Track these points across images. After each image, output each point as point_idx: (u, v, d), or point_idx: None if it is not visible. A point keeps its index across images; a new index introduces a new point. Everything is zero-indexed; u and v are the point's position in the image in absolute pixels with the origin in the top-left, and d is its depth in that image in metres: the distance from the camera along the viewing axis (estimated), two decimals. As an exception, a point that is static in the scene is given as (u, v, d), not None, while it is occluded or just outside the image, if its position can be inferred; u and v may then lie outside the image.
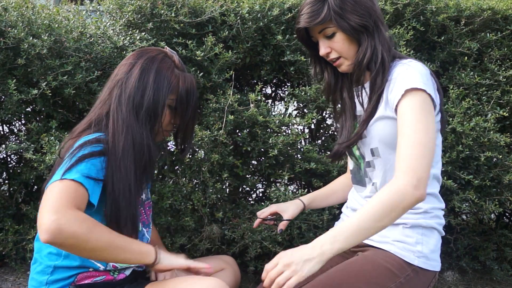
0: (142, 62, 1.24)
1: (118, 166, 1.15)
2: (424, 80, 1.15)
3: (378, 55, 1.20)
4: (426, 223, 1.26)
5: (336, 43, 1.23)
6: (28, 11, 1.78)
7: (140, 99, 1.20)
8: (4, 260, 2.15)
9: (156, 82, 1.22)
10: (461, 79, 2.04)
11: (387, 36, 1.24)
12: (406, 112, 1.13)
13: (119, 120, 1.19)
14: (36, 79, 1.78)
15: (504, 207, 2.09)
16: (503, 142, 1.93)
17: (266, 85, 2.25)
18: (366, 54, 1.20)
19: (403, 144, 1.11)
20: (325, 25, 1.21)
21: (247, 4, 1.89)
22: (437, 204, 1.31)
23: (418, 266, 1.23)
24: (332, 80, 1.36)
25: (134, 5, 1.85)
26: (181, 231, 1.96)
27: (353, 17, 1.18)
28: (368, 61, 1.21)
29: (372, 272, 1.22)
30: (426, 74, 1.18)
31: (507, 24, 2.11)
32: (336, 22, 1.19)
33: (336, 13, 1.18)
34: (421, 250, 1.24)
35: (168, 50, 1.32)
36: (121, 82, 1.23)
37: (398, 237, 1.26)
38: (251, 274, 2.13)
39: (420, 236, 1.25)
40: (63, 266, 1.22)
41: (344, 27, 1.19)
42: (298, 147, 2.02)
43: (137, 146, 1.18)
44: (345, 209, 1.50)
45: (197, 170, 1.90)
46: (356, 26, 1.19)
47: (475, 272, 2.32)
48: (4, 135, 2.21)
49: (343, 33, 1.20)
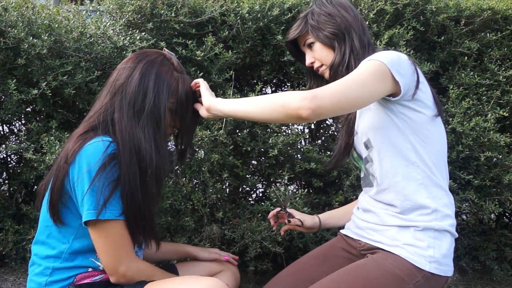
0: (141, 66, 1.24)
1: (125, 173, 1.16)
2: (387, 57, 1.17)
3: (346, 59, 1.33)
4: (438, 225, 1.22)
5: (316, 52, 1.40)
6: (28, 11, 1.78)
7: (141, 104, 1.21)
8: (4, 260, 2.15)
9: (156, 86, 1.22)
10: (461, 79, 2.04)
11: (358, 44, 1.34)
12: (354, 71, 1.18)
13: (122, 127, 1.19)
14: (36, 79, 1.78)
15: (504, 207, 2.09)
16: (503, 142, 1.93)
17: (266, 85, 2.25)
18: (336, 58, 1.35)
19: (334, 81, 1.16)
20: (305, 37, 1.41)
21: (247, 4, 1.89)
22: (445, 198, 1.27)
23: (430, 272, 1.19)
24: None
25: (134, 5, 1.85)
26: (181, 231, 1.96)
27: (326, 27, 1.36)
28: (337, 64, 1.34)
29: (380, 278, 1.19)
30: (395, 56, 1.19)
31: (507, 24, 2.11)
32: (312, 33, 1.38)
33: (312, 25, 1.38)
34: (433, 254, 1.20)
35: (167, 52, 1.32)
36: (122, 87, 1.22)
37: (409, 240, 1.22)
38: (251, 274, 2.13)
39: (432, 239, 1.21)
40: (62, 267, 1.22)
41: (319, 37, 1.37)
42: (298, 147, 2.02)
43: (141, 154, 1.18)
44: (355, 210, 1.48)
45: (197, 170, 1.90)
46: (328, 35, 1.36)
47: (475, 272, 2.32)
48: (4, 135, 2.21)
49: (319, 42, 1.38)
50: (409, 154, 1.24)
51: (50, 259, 1.22)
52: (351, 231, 1.44)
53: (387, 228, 1.28)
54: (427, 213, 1.24)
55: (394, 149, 1.25)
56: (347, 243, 1.43)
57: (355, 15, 1.39)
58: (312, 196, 2.05)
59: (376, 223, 1.32)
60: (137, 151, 1.18)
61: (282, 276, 1.44)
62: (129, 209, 1.17)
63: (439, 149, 1.28)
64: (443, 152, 1.30)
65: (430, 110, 1.26)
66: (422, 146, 1.25)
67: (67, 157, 1.16)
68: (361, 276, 1.21)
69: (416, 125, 1.24)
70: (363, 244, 1.36)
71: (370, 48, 1.36)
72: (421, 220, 1.23)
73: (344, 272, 1.25)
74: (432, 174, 1.26)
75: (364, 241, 1.35)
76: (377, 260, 1.24)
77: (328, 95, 1.09)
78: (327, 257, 1.44)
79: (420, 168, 1.24)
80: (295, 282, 1.40)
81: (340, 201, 1.95)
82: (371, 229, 1.34)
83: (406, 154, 1.25)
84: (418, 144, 1.25)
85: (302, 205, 1.83)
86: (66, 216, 1.19)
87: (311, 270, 1.41)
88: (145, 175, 1.19)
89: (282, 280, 1.42)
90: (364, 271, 1.22)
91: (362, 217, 1.39)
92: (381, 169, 1.28)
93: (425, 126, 1.25)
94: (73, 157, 1.15)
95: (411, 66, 1.22)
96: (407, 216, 1.25)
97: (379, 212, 1.31)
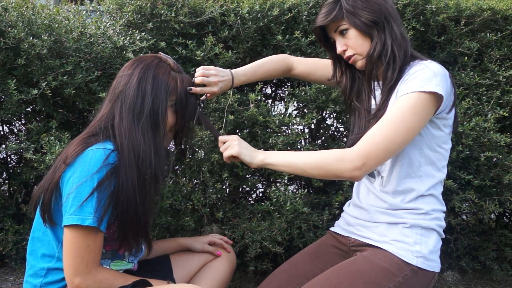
0: (139, 71, 1.26)
1: (124, 176, 1.17)
2: (437, 82, 1.18)
3: (388, 49, 1.25)
4: (425, 223, 1.27)
5: (350, 40, 1.29)
6: (28, 11, 1.78)
7: (140, 107, 1.22)
8: (4, 260, 2.15)
9: (154, 88, 1.24)
10: (461, 79, 2.04)
11: (399, 33, 1.27)
12: (393, 107, 1.20)
13: (122, 131, 1.20)
14: (36, 79, 1.78)
15: (504, 207, 2.09)
16: (503, 142, 1.93)
17: (266, 85, 2.25)
18: (376, 48, 1.26)
19: (376, 127, 1.18)
20: (338, 23, 1.29)
21: (247, 4, 1.89)
22: (438, 206, 1.32)
23: (417, 266, 1.23)
24: (348, 84, 1.42)
25: (134, 5, 1.85)
26: (181, 231, 1.96)
27: (364, 14, 1.25)
28: (378, 54, 1.26)
29: (371, 272, 1.23)
30: (442, 74, 1.21)
31: (507, 24, 2.11)
32: (348, 19, 1.27)
33: (348, 10, 1.26)
34: (420, 250, 1.25)
35: (162, 55, 1.34)
36: (121, 94, 1.24)
37: (397, 236, 1.27)
38: (251, 274, 2.13)
39: (419, 236, 1.26)
40: (57, 268, 1.22)
41: (356, 23, 1.26)
42: (298, 147, 2.02)
43: (140, 158, 1.19)
44: (346, 207, 1.50)
45: (197, 170, 1.90)
46: (366, 22, 1.25)
47: (475, 272, 2.32)
48: (4, 135, 2.21)
49: (355, 29, 1.27)
50: (421, 169, 1.28)
51: (46, 258, 1.22)
52: (341, 228, 1.47)
53: (376, 225, 1.33)
54: (418, 213, 1.28)
55: (407, 160, 1.28)
56: (337, 240, 1.47)
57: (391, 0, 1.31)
58: (312, 196, 2.05)
59: (366, 219, 1.36)
60: (136, 154, 1.19)
61: (276, 273, 1.47)
62: (122, 212, 1.17)
63: (444, 165, 1.32)
64: (445, 168, 1.34)
65: (450, 128, 1.29)
66: (433, 163, 1.29)
67: (66, 158, 1.17)
68: (352, 271, 1.24)
69: (435, 141, 1.27)
70: (353, 240, 1.39)
71: (407, 38, 1.31)
72: (409, 218, 1.27)
73: (335, 269, 1.28)
74: (434, 188, 1.30)
75: (353, 237, 1.39)
76: (366, 256, 1.28)
77: (375, 157, 1.16)
78: (319, 253, 1.47)
79: (424, 183, 1.29)
80: (288, 277, 1.42)
81: (340, 201, 1.95)
82: (360, 226, 1.38)
83: (417, 169, 1.28)
84: (431, 160, 1.28)
85: (302, 205, 1.83)
86: (57, 216, 1.20)
87: (303, 266, 1.44)
88: (144, 177, 1.20)
89: (276, 277, 1.45)
90: (355, 266, 1.26)
91: (353, 213, 1.42)
92: (390, 173, 1.31)
93: (441, 144, 1.29)
94: (72, 159, 1.15)
95: (450, 82, 1.24)
96: (397, 212, 1.29)
97: (370, 209, 1.35)
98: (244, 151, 1.29)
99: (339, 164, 1.17)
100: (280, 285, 1.41)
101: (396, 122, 1.16)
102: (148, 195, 1.23)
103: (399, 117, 1.17)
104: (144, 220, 1.23)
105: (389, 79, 1.26)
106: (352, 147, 1.19)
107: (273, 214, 1.89)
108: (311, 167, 1.21)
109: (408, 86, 1.19)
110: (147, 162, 1.20)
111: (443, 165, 1.32)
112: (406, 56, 1.27)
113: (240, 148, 1.29)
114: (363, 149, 1.16)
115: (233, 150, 1.29)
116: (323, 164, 1.19)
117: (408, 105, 1.17)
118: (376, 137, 1.17)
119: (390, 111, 1.20)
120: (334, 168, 1.17)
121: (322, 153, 1.21)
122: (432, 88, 1.17)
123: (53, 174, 1.19)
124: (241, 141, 1.32)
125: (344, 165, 1.16)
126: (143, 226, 1.24)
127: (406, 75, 1.24)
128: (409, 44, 1.30)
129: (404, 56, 1.27)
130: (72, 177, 1.14)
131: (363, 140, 1.18)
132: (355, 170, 1.15)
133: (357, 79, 1.40)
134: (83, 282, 1.16)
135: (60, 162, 1.19)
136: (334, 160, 1.18)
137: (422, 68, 1.21)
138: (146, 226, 1.26)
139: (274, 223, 1.88)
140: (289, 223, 1.90)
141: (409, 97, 1.17)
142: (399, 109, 1.18)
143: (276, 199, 1.87)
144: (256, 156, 1.28)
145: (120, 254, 1.31)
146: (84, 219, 1.12)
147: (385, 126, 1.17)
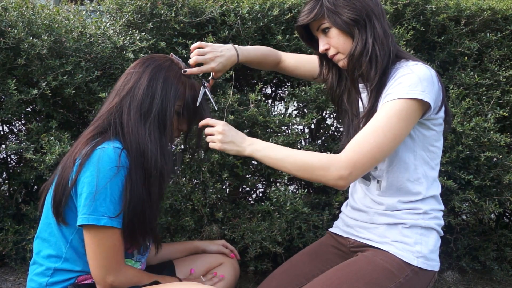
0: (150, 70, 1.27)
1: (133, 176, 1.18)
2: (423, 87, 1.16)
3: (369, 48, 1.23)
4: (425, 223, 1.27)
5: (332, 39, 1.28)
6: (28, 11, 1.78)
7: (149, 106, 1.23)
8: (4, 260, 2.15)
9: (164, 90, 1.25)
10: (461, 79, 2.04)
11: (382, 32, 1.24)
12: (380, 113, 1.19)
13: (129, 129, 1.21)
14: (36, 79, 1.78)
15: (504, 207, 2.09)
16: (503, 142, 1.93)
17: (266, 85, 2.25)
18: (357, 47, 1.24)
19: (363, 134, 1.17)
20: (319, 22, 1.27)
21: (247, 4, 1.89)
22: (437, 206, 1.32)
23: (417, 266, 1.24)
24: (334, 82, 1.40)
25: (134, 5, 1.85)
26: (181, 231, 1.96)
27: (345, 12, 1.23)
28: (359, 54, 1.23)
29: (372, 273, 1.23)
30: (427, 79, 1.18)
31: (507, 24, 2.11)
32: (329, 18, 1.25)
33: (329, 9, 1.24)
34: (420, 250, 1.25)
35: (174, 57, 1.35)
36: (131, 90, 1.25)
37: (397, 237, 1.27)
38: (251, 274, 2.13)
39: (419, 236, 1.26)
40: (63, 269, 1.22)
41: (336, 22, 1.24)
42: (298, 147, 2.02)
43: (147, 157, 1.21)
44: (344, 208, 1.50)
45: (197, 170, 1.90)
46: (347, 21, 1.23)
47: (475, 272, 2.32)
48: (4, 135, 2.21)
49: (336, 28, 1.25)
50: (417, 171, 1.28)
51: (52, 258, 1.22)
52: (340, 229, 1.47)
53: (376, 226, 1.32)
54: (416, 213, 1.28)
55: (403, 165, 1.28)
56: (337, 241, 1.47)
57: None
58: (312, 196, 2.05)
59: (365, 221, 1.36)
60: (142, 153, 1.20)
61: (276, 274, 1.47)
62: (132, 211, 1.18)
63: (437, 163, 1.33)
64: (438, 166, 1.34)
65: (440, 125, 1.29)
66: (427, 163, 1.29)
67: (75, 157, 1.17)
68: (353, 272, 1.24)
69: (427, 141, 1.27)
70: (353, 241, 1.39)
71: (391, 37, 1.28)
72: (409, 218, 1.27)
73: (336, 269, 1.28)
74: (431, 188, 1.30)
75: (353, 238, 1.39)
76: (367, 256, 1.28)
77: (361, 167, 1.15)
78: (318, 253, 1.47)
79: (423, 185, 1.29)
80: (288, 277, 1.42)
81: (340, 201, 1.95)
82: (360, 227, 1.37)
83: (414, 172, 1.28)
84: (425, 160, 1.28)
85: (302, 205, 1.83)
86: (68, 216, 1.20)
87: (303, 266, 1.44)
88: (149, 177, 1.21)
89: (276, 277, 1.45)
90: (356, 267, 1.26)
91: (352, 215, 1.42)
92: (387, 178, 1.31)
93: (433, 142, 1.28)
94: (83, 159, 1.16)
95: (437, 83, 1.22)
96: (395, 213, 1.29)
97: (369, 211, 1.35)
98: (228, 147, 1.25)
99: (325, 171, 1.16)
100: (280, 285, 1.41)
101: (383, 129, 1.15)
102: (153, 194, 1.24)
103: (387, 124, 1.15)
104: (153, 218, 1.25)
105: (371, 79, 1.24)
106: (340, 155, 1.17)
107: (273, 214, 1.89)
108: (297, 169, 1.19)
109: (394, 92, 1.18)
110: (153, 161, 1.21)
111: (436, 163, 1.31)
112: (389, 56, 1.25)
113: (223, 144, 1.25)
114: (349, 158, 1.15)
115: (215, 146, 1.26)
116: (308, 168, 1.18)
117: (394, 112, 1.16)
118: (363, 145, 1.15)
119: (377, 118, 1.18)
120: (320, 175, 1.17)
121: (311, 157, 1.19)
122: (418, 95, 1.15)
123: (62, 173, 1.20)
124: (225, 134, 1.25)
125: (330, 173, 1.15)
126: (151, 224, 1.25)
127: (391, 79, 1.22)
128: (394, 43, 1.27)
129: (388, 55, 1.24)
130: (83, 176, 1.14)
131: (350, 148, 1.17)
132: (340, 180, 1.15)
133: (344, 78, 1.38)
134: (116, 280, 1.19)
135: (69, 160, 1.20)
136: (321, 166, 1.16)
137: (408, 73, 1.19)
138: (154, 224, 1.27)
139: (274, 223, 1.88)
140: (289, 223, 1.90)
141: (395, 104, 1.16)
142: (386, 115, 1.16)
143: (276, 199, 1.87)
144: (242, 150, 1.25)
145: (129, 253, 1.31)
146: (100, 219, 1.13)
147: (372, 133, 1.16)
